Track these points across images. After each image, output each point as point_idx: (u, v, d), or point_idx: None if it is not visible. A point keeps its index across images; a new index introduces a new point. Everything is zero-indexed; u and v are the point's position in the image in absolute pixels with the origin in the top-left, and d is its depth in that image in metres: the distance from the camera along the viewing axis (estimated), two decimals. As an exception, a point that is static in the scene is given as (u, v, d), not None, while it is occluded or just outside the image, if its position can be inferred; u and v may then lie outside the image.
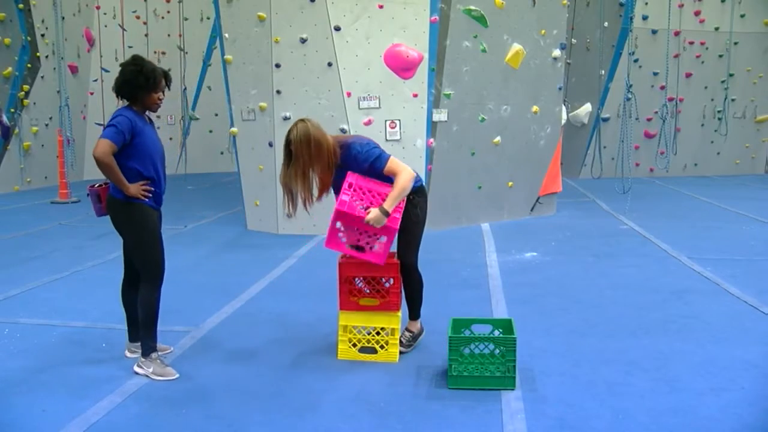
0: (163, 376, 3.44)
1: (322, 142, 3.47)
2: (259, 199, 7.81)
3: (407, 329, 3.86)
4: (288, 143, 3.49)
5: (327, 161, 3.52)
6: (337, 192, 3.69)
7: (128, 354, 3.74)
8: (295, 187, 3.51)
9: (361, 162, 3.54)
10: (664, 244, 6.68)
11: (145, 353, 3.51)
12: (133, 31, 13.93)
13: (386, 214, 3.49)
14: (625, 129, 8.98)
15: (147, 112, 3.57)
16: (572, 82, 12.84)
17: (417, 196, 3.70)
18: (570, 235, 7.33)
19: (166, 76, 3.54)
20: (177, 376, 3.46)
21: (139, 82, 3.42)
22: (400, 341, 3.76)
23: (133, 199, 3.42)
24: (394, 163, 3.56)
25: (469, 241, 7.10)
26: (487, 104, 7.82)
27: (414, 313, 3.88)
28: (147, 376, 3.45)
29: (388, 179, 3.59)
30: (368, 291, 3.78)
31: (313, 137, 3.44)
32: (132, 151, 3.41)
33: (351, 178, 3.59)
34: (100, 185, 3.58)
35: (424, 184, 3.84)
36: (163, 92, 3.55)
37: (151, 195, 3.47)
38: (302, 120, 3.52)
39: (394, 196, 3.51)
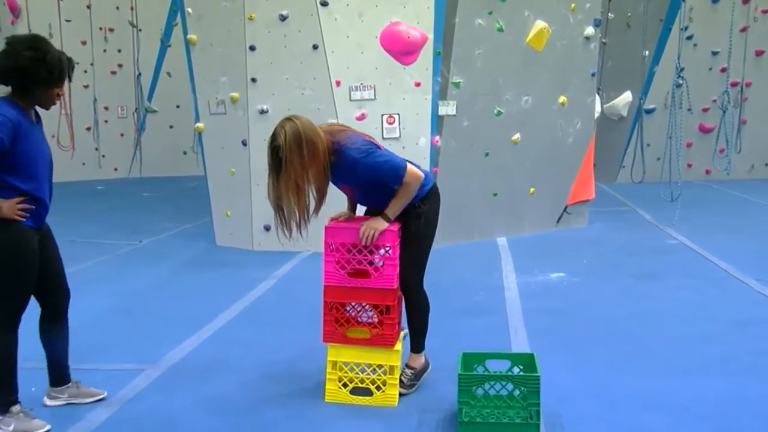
0: None
1: (316, 142, 3.41)
2: (230, 209, 7.86)
3: (408, 365, 3.88)
4: (275, 150, 3.40)
5: (324, 165, 3.47)
6: (341, 188, 3.75)
7: (47, 401, 3.71)
8: (288, 204, 3.46)
9: (362, 172, 3.52)
10: (723, 262, 6.70)
11: (3, 409, 3.38)
12: (73, 0, 13.93)
13: (389, 220, 3.59)
14: (674, 122, 8.96)
15: (36, 107, 3.40)
16: (608, 66, 12.88)
17: (423, 203, 3.72)
18: (605, 252, 7.38)
19: (71, 64, 3.41)
20: (47, 428, 3.39)
21: (40, 75, 3.24)
22: (400, 381, 3.79)
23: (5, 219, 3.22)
24: (409, 175, 3.54)
25: (483, 258, 7.14)
26: (503, 95, 7.89)
27: (417, 345, 3.90)
28: None
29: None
30: (364, 319, 3.81)
31: (306, 138, 3.37)
32: (10, 162, 3.22)
33: (329, 235, 3.67)
34: None
35: (433, 186, 3.80)
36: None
37: (29, 214, 3.31)
38: (289, 119, 3.44)
39: (398, 207, 3.59)
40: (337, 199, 3.99)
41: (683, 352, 4.38)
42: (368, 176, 3.53)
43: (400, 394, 3.75)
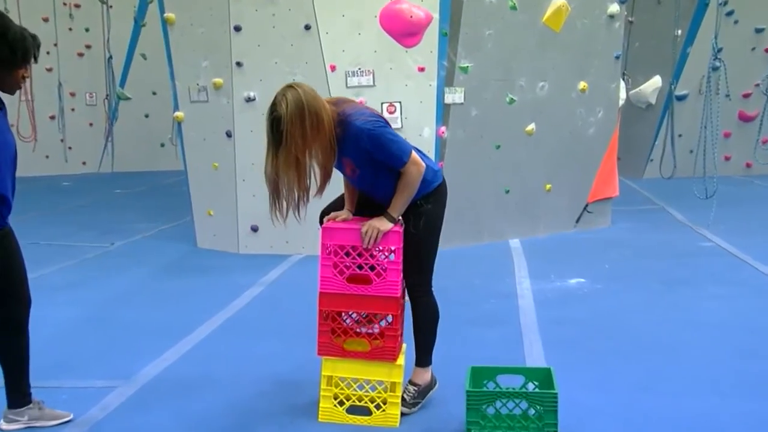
0: None
1: (320, 113, 3.43)
2: (213, 208, 7.88)
3: (412, 382, 3.89)
4: (276, 121, 3.42)
5: (329, 139, 3.49)
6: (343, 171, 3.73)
7: (4, 425, 3.67)
8: (286, 182, 3.48)
9: (364, 144, 3.53)
10: (766, 267, 6.72)
11: None
12: (32, -28, 13.86)
13: (393, 220, 3.61)
14: (709, 110, 8.95)
15: None
16: (635, 47, 12.85)
17: (426, 201, 3.74)
18: (630, 256, 7.41)
19: (36, 42, 3.39)
20: None
21: (2, 55, 3.26)
22: (403, 399, 3.80)
23: None
24: (412, 162, 3.58)
25: (494, 262, 7.18)
26: (517, 81, 7.91)
27: (423, 359, 3.91)
28: None
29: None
30: (364, 330, 3.83)
31: (310, 108, 3.39)
32: None
33: (326, 237, 3.67)
34: None
35: (441, 183, 3.83)
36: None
37: None
38: (291, 86, 3.47)
39: (401, 204, 3.61)
40: (333, 193, 4.00)
41: (720, 369, 4.37)
42: (371, 150, 3.54)
43: (402, 414, 3.76)
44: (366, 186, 3.77)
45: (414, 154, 3.62)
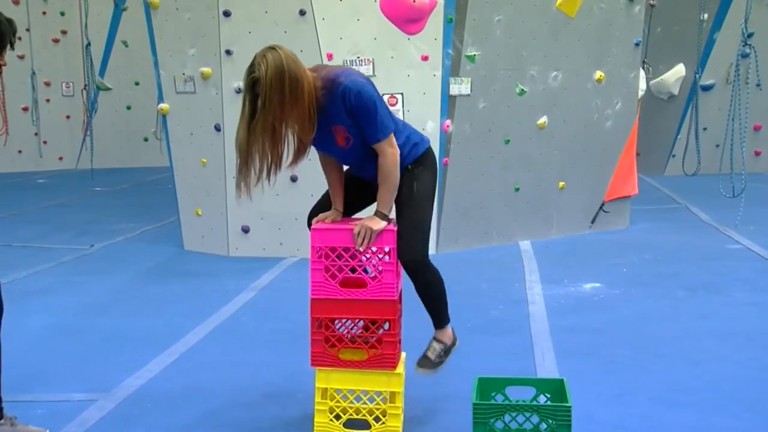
0: None
1: (300, 80, 3.44)
2: (201, 207, 7.90)
3: (437, 338, 3.92)
4: (252, 84, 3.44)
5: (307, 109, 3.51)
6: (322, 147, 3.75)
7: None
8: (259, 149, 3.49)
9: (350, 103, 3.53)
10: (799, 271, 6.74)
11: None
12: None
13: (385, 217, 3.64)
14: (737, 101, 8.94)
15: None
16: (657, 33, 12.82)
17: (416, 166, 3.77)
18: (650, 259, 7.42)
19: (12, 27, 3.41)
20: None
21: None
22: (426, 357, 3.85)
23: None
24: (388, 142, 3.61)
25: (502, 266, 7.20)
26: (528, 70, 7.93)
27: (440, 321, 3.94)
28: None
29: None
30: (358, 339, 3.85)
31: (290, 73, 3.41)
32: None
33: (316, 239, 3.68)
34: None
35: (428, 149, 3.88)
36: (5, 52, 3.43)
37: None
38: (272, 48, 3.48)
39: (388, 198, 3.65)
40: (319, 188, 4.02)
41: (751, 383, 4.36)
42: (355, 111, 3.54)
43: (424, 373, 3.83)
44: (358, 159, 3.77)
45: (392, 137, 3.65)
